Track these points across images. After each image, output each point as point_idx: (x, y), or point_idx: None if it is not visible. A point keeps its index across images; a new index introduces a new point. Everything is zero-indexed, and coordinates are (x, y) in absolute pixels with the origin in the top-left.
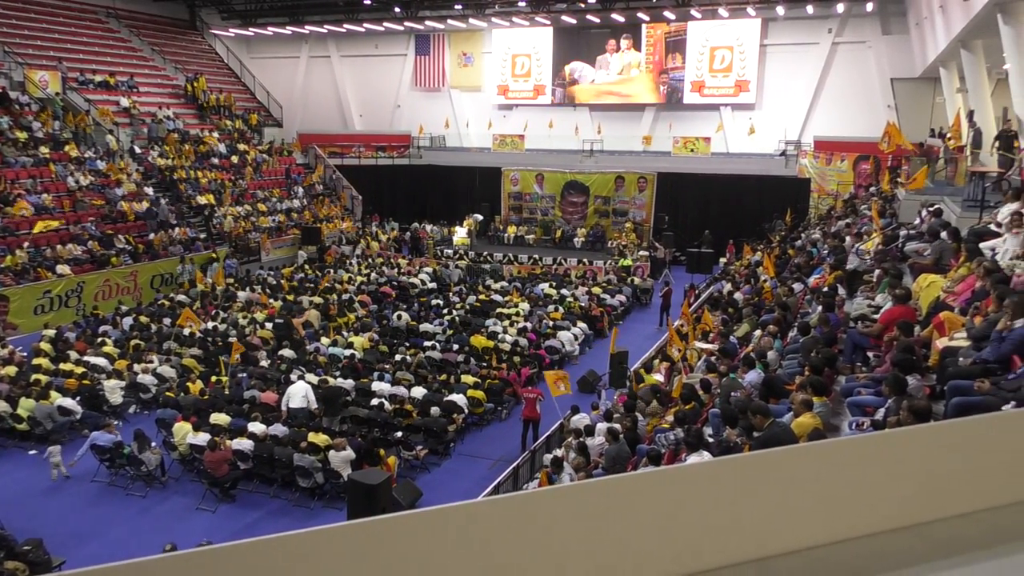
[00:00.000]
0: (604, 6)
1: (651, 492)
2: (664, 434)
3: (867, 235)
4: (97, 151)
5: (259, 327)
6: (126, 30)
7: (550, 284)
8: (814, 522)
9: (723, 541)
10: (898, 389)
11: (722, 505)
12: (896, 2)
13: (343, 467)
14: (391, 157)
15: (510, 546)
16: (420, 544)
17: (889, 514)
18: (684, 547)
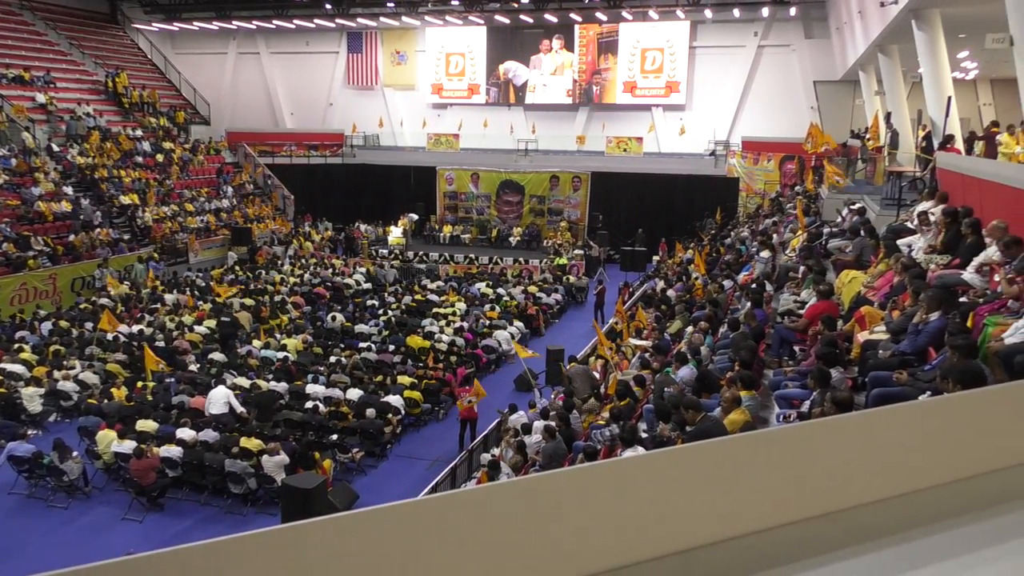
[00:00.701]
0: (537, 6)
1: (581, 488)
2: (600, 430)
3: (771, 238)
4: (12, 149)
5: (187, 330)
6: (42, 23)
7: (486, 283)
8: (739, 512)
9: (650, 534)
10: (822, 382)
11: (649, 498)
12: (818, 7)
13: (277, 472)
14: (324, 156)
15: (443, 546)
16: (354, 546)
17: (810, 502)
18: (612, 541)
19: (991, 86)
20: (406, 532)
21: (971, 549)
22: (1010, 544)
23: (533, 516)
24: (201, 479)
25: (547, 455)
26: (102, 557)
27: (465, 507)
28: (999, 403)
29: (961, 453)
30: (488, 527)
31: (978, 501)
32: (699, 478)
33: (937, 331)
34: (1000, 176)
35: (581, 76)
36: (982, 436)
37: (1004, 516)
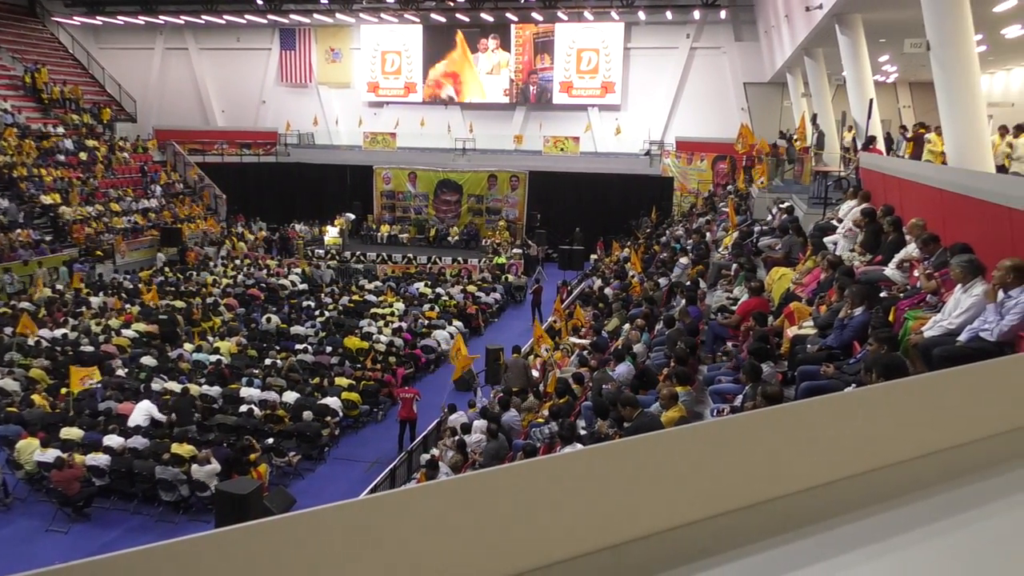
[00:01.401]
0: (473, 5)
1: (516, 485)
2: (539, 428)
3: (704, 237)
4: None
5: (115, 334)
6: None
7: (425, 283)
8: (671, 505)
9: (583, 529)
10: (754, 376)
11: (584, 493)
12: (747, 11)
13: (210, 479)
14: (257, 155)
15: (378, 546)
16: (289, 549)
17: (740, 493)
18: (547, 536)
19: (910, 89)
20: (342, 534)
21: (895, 533)
22: (933, 526)
23: (469, 514)
24: (130, 487)
25: (488, 454)
26: (24, 571)
27: (400, 507)
28: (917, 394)
29: (882, 442)
30: (424, 526)
31: (899, 488)
32: (633, 472)
33: (861, 325)
34: (918, 176)
35: (518, 76)
36: (901, 426)
37: (927, 500)
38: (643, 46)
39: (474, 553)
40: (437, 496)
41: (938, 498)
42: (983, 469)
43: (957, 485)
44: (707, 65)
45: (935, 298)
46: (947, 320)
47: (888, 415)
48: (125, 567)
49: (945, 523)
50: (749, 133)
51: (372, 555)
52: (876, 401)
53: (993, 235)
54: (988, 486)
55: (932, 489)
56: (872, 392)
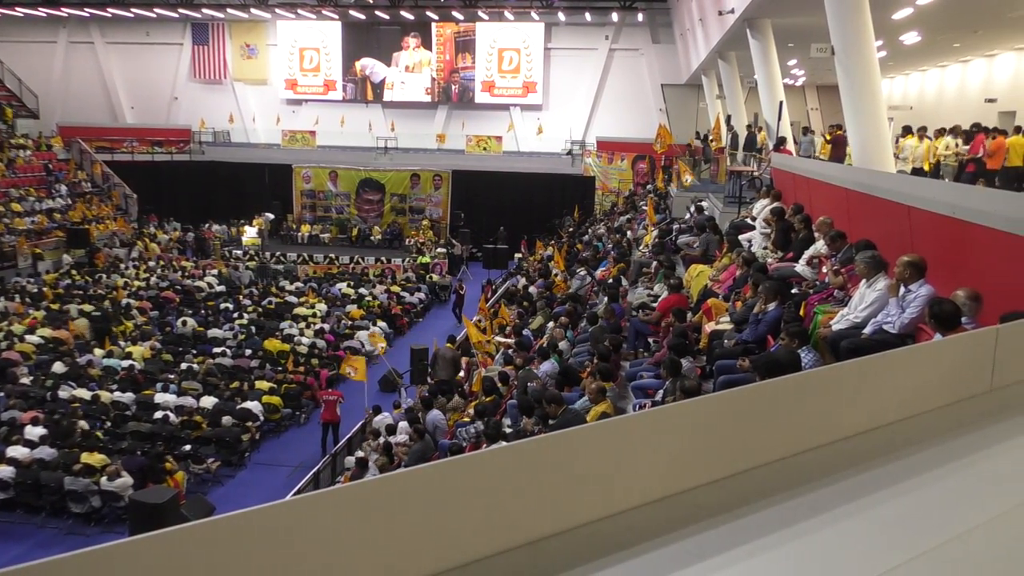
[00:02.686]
0: (392, 3)
1: (435, 484)
2: (465, 427)
3: (625, 234)
4: None
5: (18, 340)
6: None
7: (348, 283)
8: (586, 500)
9: (502, 526)
10: (674, 371)
11: (502, 491)
12: (663, 14)
13: (122, 491)
14: (169, 153)
15: (298, 547)
16: (207, 555)
17: (655, 486)
18: (466, 535)
19: (818, 92)
20: (260, 538)
21: (798, 520)
22: (835, 511)
23: (390, 514)
24: (37, 500)
25: (414, 455)
26: None
27: (321, 509)
28: (820, 387)
29: (788, 432)
30: (344, 528)
31: (802, 477)
32: (553, 468)
33: (775, 320)
34: (825, 176)
35: (440, 74)
36: (806, 416)
37: (831, 486)
38: (563, 47)
39: (395, 553)
40: (358, 497)
41: (841, 484)
42: (883, 455)
43: (860, 471)
44: (626, 66)
45: (842, 293)
46: (853, 314)
47: (799, 404)
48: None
49: (846, 508)
50: (667, 133)
51: (291, 557)
52: (786, 392)
53: (894, 232)
54: (885, 472)
55: (836, 475)
56: (782, 384)
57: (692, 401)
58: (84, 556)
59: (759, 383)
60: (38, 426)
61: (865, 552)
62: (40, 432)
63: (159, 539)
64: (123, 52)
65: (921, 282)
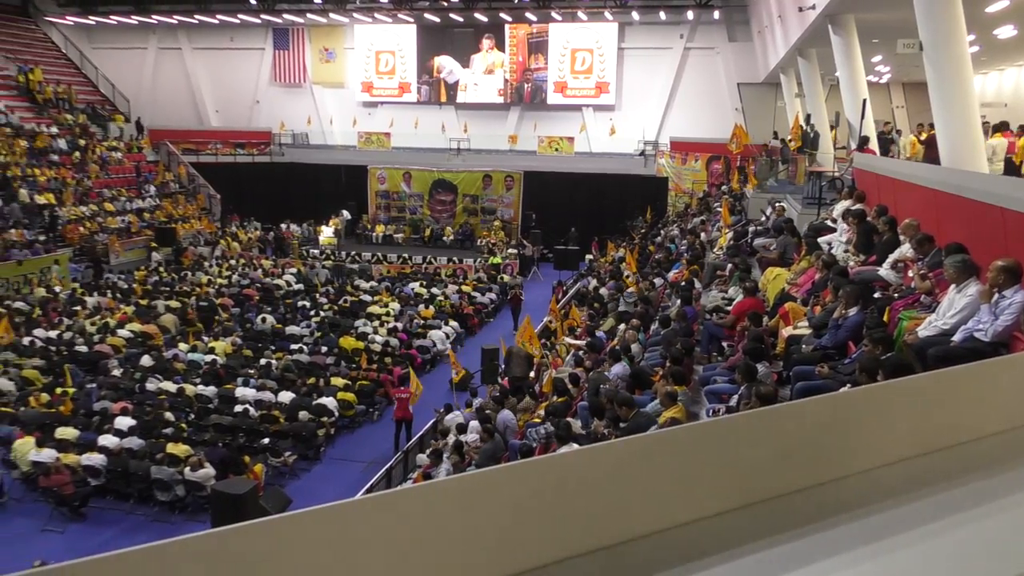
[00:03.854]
0: (467, 5)
1: (512, 484)
2: (535, 428)
3: (699, 236)
4: None
5: (110, 334)
6: None
7: (420, 283)
8: (668, 505)
9: (580, 529)
10: (749, 376)
11: (580, 494)
12: (740, 11)
13: (205, 481)
14: (251, 155)
15: (377, 545)
16: (287, 548)
17: (735, 493)
18: (543, 536)
19: (904, 89)
20: (340, 533)
21: (893, 533)
22: (932, 526)
23: (465, 514)
24: (126, 487)
25: (485, 454)
26: (21, 570)
27: (399, 506)
28: (913, 394)
29: (879, 442)
30: (421, 526)
31: (898, 487)
32: (630, 472)
33: (856, 326)
34: (912, 176)
35: (512, 76)
36: (898, 425)
37: (928, 499)
38: (637, 46)
39: (470, 553)
40: (433, 496)
41: (937, 497)
42: (981, 469)
43: (956, 484)
44: (701, 65)
45: (929, 298)
46: (942, 320)
47: (885, 415)
48: (129, 565)
49: (943, 523)
50: (743, 133)
51: (366, 555)
52: (872, 401)
53: (987, 235)
54: (986, 486)
55: (932, 488)
56: (868, 392)
57: (781, 407)
58: (198, 539)
59: (843, 391)
60: (127, 416)
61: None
62: (129, 422)
63: (243, 531)
64: (208, 57)
65: (1016, 288)
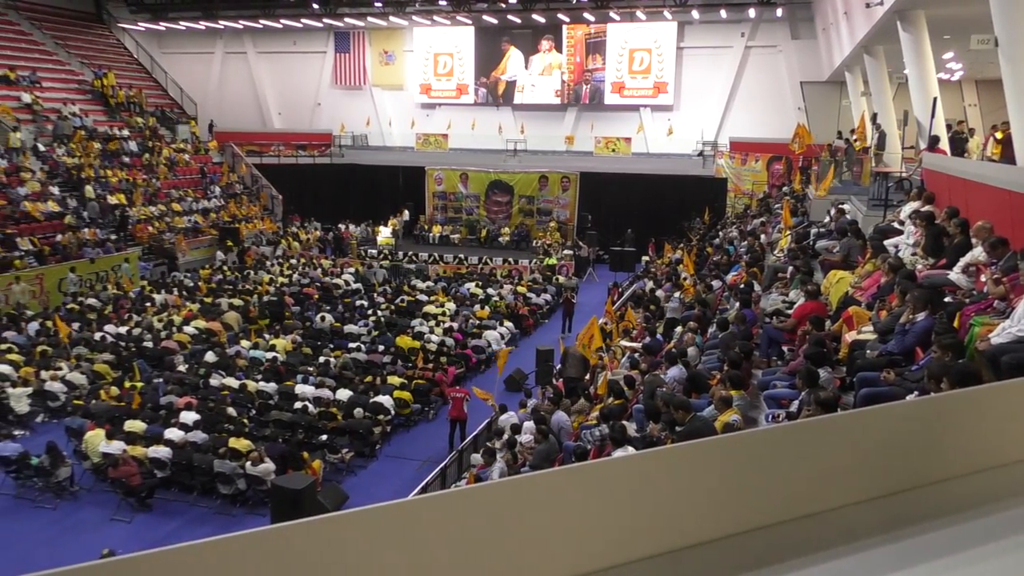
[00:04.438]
0: (524, 7)
1: (573, 487)
2: (590, 430)
3: (759, 238)
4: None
5: (176, 330)
6: (27, 23)
7: (476, 283)
8: (726, 512)
9: (641, 533)
10: (810, 381)
11: (640, 498)
12: (804, 8)
13: (265, 475)
14: (312, 156)
15: (434, 545)
16: (345, 546)
17: (797, 502)
18: (604, 540)
19: (976, 87)
20: (399, 532)
21: (963, 548)
22: (1004, 542)
23: (525, 515)
24: (190, 479)
25: (539, 455)
26: (91, 557)
27: (457, 507)
28: (988, 403)
29: (950, 453)
30: (479, 527)
31: (969, 500)
32: (689, 478)
33: (924, 331)
34: (985, 176)
35: (570, 76)
36: (971, 436)
37: (996, 515)
38: (696, 45)
39: (526, 555)
40: (494, 497)
41: (1014, 512)
42: None
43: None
44: (762, 64)
45: (1003, 304)
46: (1016, 327)
47: (957, 424)
48: (196, 557)
49: (1018, 539)
50: (806, 133)
51: (425, 554)
52: (944, 409)
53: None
54: None
55: (1010, 501)
56: (940, 400)
57: (851, 414)
58: (263, 533)
59: (916, 399)
60: (191, 411)
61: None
62: (194, 417)
63: (306, 527)
64: (272, 61)
65: None
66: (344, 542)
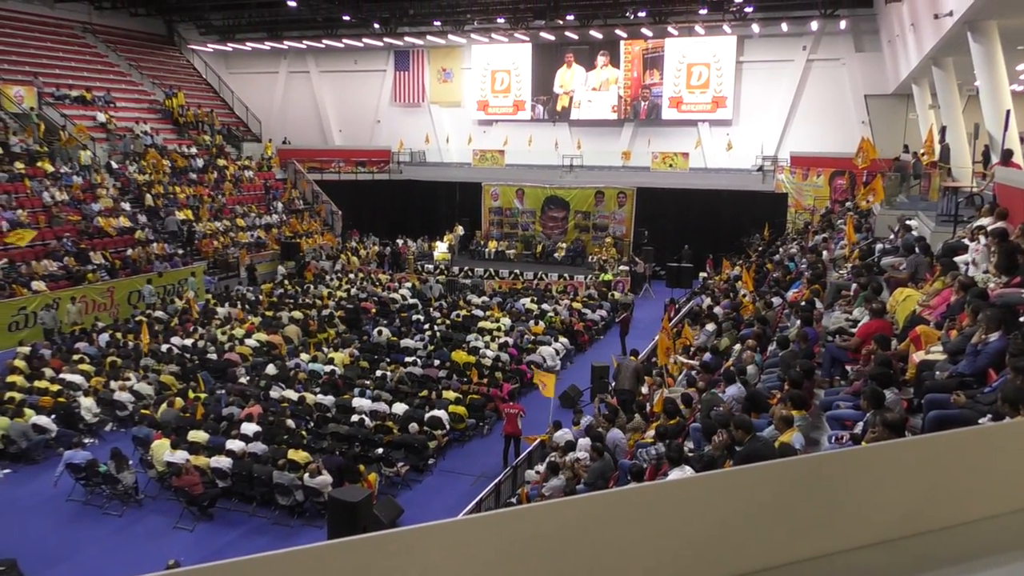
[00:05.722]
0: (582, 23)
1: (633, 509)
2: (646, 449)
3: (821, 255)
4: (73, 166)
5: (238, 343)
6: (103, 45)
7: (531, 299)
8: (791, 538)
9: (700, 559)
10: (876, 403)
11: (700, 522)
12: (869, 20)
13: (323, 488)
14: (371, 172)
15: (490, 566)
16: (405, 564)
17: (866, 529)
18: (660, 566)
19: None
20: (457, 549)
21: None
22: None
23: (580, 537)
24: (250, 490)
25: (594, 473)
26: (154, 565)
27: (514, 526)
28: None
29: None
30: (533, 547)
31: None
32: (748, 502)
33: (997, 352)
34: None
35: (627, 92)
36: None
37: None
38: (756, 59)
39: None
40: (555, 517)
41: None
42: None
43: None
44: (825, 77)
45: None
46: None
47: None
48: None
49: None
50: (871, 147)
51: (489, 572)
52: (1019, 436)
53: None
54: None
55: None
56: (1016, 426)
57: (925, 438)
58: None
59: (990, 424)
60: (252, 422)
61: None
62: (254, 428)
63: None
64: (334, 80)
65: None
66: (408, 559)
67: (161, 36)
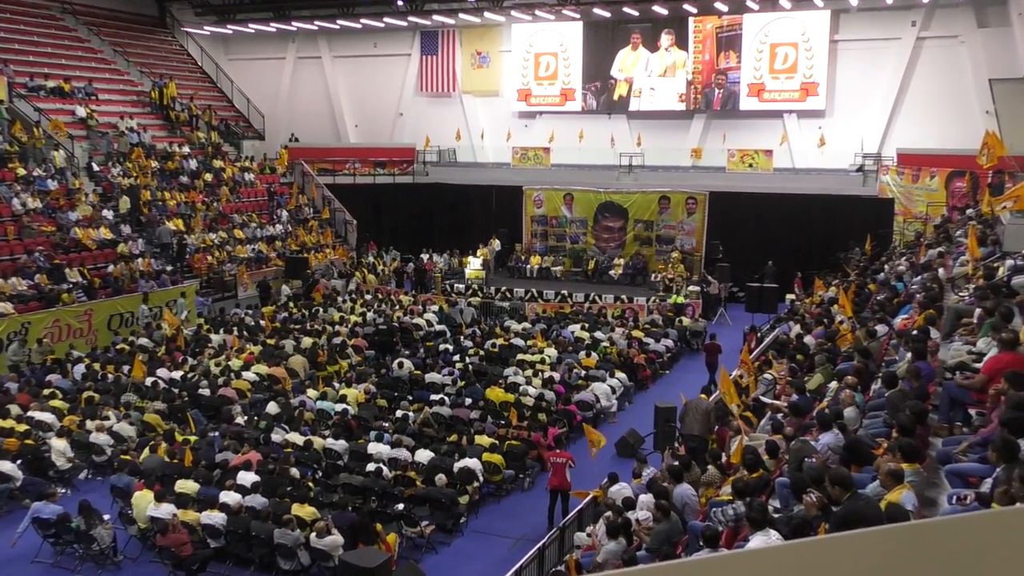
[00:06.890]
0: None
1: None
2: (721, 508)
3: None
4: (47, 168)
5: (234, 376)
6: (84, 28)
7: (582, 326)
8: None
9: None
10: (1009, 455)
11: None
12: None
13: (332, 550)
14: (392, 174)
15: None
16: None
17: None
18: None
19: None
20: None
21: None
22: None
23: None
24: (247, 551)
25: (658, 537)
26: None
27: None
28: None
29: None
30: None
31: None
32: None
33: None
34: None
35: (697, 78)
36: None
37: None
38: (855, 38)
39: None
40: None
41: None
42: None
43: None
44: (939, 58)
45: None
46: None
47: None
48: None
49: None
50: (997, 142)
51: None
52: None
53: None
54: None
55: None
56: None
57: None
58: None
59: None
60: (250, 471)
61: None
62: (252, 478)
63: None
64: (349, 66)
65: None
66: None
67: (152, 18)
